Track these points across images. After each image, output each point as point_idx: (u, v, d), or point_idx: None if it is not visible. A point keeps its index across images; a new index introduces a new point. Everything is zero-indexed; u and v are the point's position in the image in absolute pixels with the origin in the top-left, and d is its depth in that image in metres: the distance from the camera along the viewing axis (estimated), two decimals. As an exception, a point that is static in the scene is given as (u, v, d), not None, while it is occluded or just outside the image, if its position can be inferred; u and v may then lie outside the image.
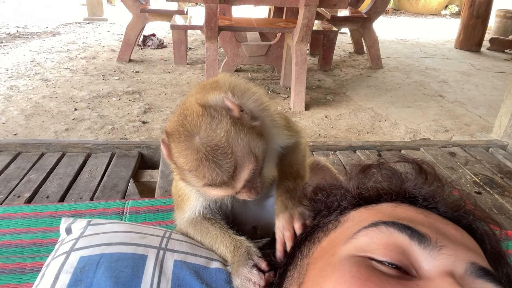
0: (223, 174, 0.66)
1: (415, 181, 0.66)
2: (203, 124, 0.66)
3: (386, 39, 6.71)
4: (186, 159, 0.67)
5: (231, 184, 0.68)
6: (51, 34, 5.95)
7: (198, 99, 0.70)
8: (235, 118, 0.68)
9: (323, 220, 0.68)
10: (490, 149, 2.21)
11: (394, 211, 0.61)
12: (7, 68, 4.28)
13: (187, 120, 0.68)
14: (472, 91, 4.42)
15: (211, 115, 0.67)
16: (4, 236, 1.14)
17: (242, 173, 0.68)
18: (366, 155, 1.99)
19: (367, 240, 0.55)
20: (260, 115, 0.77)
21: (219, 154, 0.65)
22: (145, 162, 1.92)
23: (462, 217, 0.63)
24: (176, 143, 0.68)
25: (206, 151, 0.65)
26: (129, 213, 1.27)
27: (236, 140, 0.67)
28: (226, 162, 0.66)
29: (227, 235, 0.84)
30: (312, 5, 3.18)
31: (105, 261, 0.73)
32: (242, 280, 0.75)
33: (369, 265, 0.51)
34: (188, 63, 4.79)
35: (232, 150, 0.66)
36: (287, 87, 4.09)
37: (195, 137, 0.66)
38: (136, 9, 4.51)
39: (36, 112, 3.26)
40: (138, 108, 3.44)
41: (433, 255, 0.52)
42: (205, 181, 0.67)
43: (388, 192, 0.65)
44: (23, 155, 1.79)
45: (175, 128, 0.69)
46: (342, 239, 0.58)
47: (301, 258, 0.65)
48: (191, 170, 0.67)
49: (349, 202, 0.67)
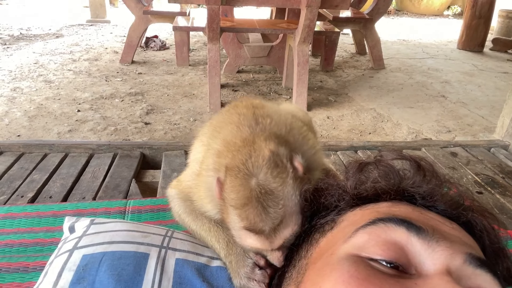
0: (267, 222, 0.64)
1: (413, 179, 0.66)
2: (265, 167, 0.66)
3: (388, 40, 6.71)
4: (237, 194, 0.65)
5: (270, 237, 0.66)
6: (54, 36, 5.99)
7: (269, 145, 0.69)
8: (297, 175, 0.68)
9: (319, 221, 0.68)
10: (492, 149, 2.20)
11: (389, 209, 0.61)
12: (11, 70, 4.31)
13: (251, 160, 0.67)
14: (475, 92, 4.41)
15: (276, 163, 0.66)
16: (7, 236, 1.15)
17: (285, 230, 0.66)
18: (368, 156, 1.99)
19: (365, 238, 0.55)
20: (309, 166, 0.75)
21: (270, 200, 0.64)
22: (147, 163, 1.93)
23: (461, 214, 0.63)
24: (232, 178, 0.67)
25: (260, 192, 0.64)
26: (131, 213, 1.27)
27: (291, 195, 0.66)
28: (274, 211, 0.64)
29: (220, 229, 0.83)
30: (314, 6, 3.19)
31: (108, 259, 0.74)
32: (246, 281, 0.74)
33: (367, 264, 0.52)
34: (190, 65, 4.81)
35: (284, 202, 0.65)
36: (289, 88, 4.10)
37: (254, 178, 0.65)
38: (138, 11, 4.53)
39: (39, 113, 3.28)
40: (141, 109, 3.46)
41: (431, 246, 0.52)
42: (246, 223, 0.65)
43: (386, 191, 0.65)
44: (26, 156, 1.81)
45: (236, 165, 0.67)
46: (340, 239, 0.59)
47: (299, 259, 0.65)
48: (237, 208, 0.66)
49: (346, 202, 0.67)
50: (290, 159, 0.68)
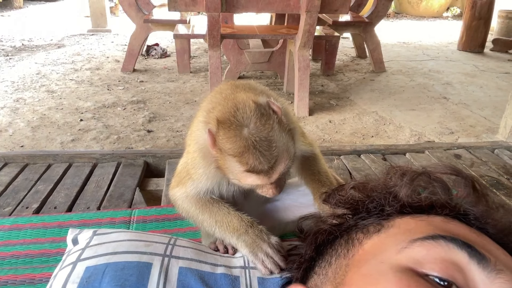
0: (265, 163, 0.75)
1: (469, 198, 0.64)
2: (254, 118, 0.76)
3: (389, 43, 6.72)
4: (234, 145, 0.75)
5: (268, 174, 0.77)
6: (56, 46, 6.03)
7: (250, 97, 0.80)
8: (279, 119, 0.79)
9: (361, 221, 0.66)
10: (496, 151, 2.19)
11: (446, 225, 0.59)
12: (13, 80, 4.34)
13: (239, 112, 0.76)
14: (477, 93, 4.41)
15: (261, 112, 0.77)
16: (13, 247, 1.15)
17: (279, 166, 0.78)
18: (371, 159, 1.99)
19: (423, 252, 0.53)
20: None
21: (265, 145, 0.75)
22: (150, 171, 1.94)
23: (511, 242, 0.60)
24: (225, 130, 0.76)
25: (255, 140, 0.74)
26: (136, 222, 1.28)
27: (279, 137, 0.77)
28: (270, 153, 0.75)
29: (231, 213, 0.92)
30: (314, 11, 3.20)
31: (111, 270, 0.74)
32: (262, 255, 0.84)
33: (424, 281, 0.50)
34: (191, 72, 4.82)
35: (276, 144, 0.76)
36: (290, 92, 4.11)
37: (246, 128, 0.75)
38: (139, 19, 4.56)
39: (43, 123, 3.30)
40: (143, 117, 3.47)
41: (490, 278, 0.50)
42: (247, 167, 0.75)
43: (442, 205, 0.63)
44: (30, 167, 1.81)
45: (227, 118, 0.76)
46: (390, 246, 0.57)
47: (336, 256, 0.63)
48: (235, 156, 0.75)
49: (394, 208, 0.65)
50: (269, 105, 0.79)
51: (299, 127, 0.98)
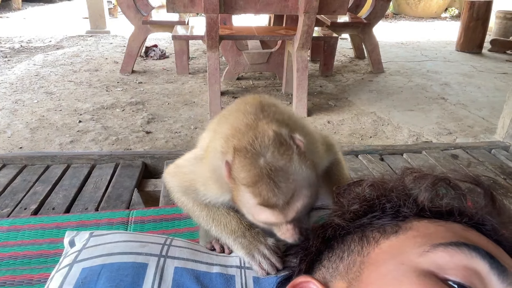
0: (280, 196, 0.67)
1: (487, 209, 0.64)
2: (271, 146, 0.69)
3: (387, 44, 6.73)
4: (248, 173, 0.68)
5: (284, 211, 0.69)
6: (55, 48, 6.03)
7: (271, 126, 0.73)
8: (300, 152, 0.71)
9: (375, 220, 0.66)
10: (493, 151, 2.20)
11: (465, 233, 0.59)
12: (12, 82, 4.34)
13: (257, 141, 0.70)
14: (475, 93, 4.42)
15: (281, 141, 0.70)
16: (11, 248, 1.16)
17: (297, 203, 0.69)
18: (368, 160, 2.00)
19: (446, 258, 0.54)
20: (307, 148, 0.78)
21: (281, 176, 0.67)
22: (149, 172, 1.94)
23: None
24: (241, 159, 0.70)
25: (270, 170, 0.67)
26: (134, 223, 1.28)
27: (298, 170, 0.69)
28: (285, 185, 0.67)
29: (229, 214, 0.89)
30: (312, 12, 3.21)
31: (106, 271, 0.74)
32: (259, 256, 0.81)
33: (446, 286, 0.51)
34: (190, 73, 4.83)
35: (294, 177, 0.68)
36: (289, 93, 4.11)
37: (262, 157, 0.69)
38: (138, 21, 4.57)
39: (41, 125, 3.30)
40: (142, 118, 3.47)
41: None
42: (260, 199, 0.68)
43: (462, 213, 0.63)
44: (29, 168, 1.82)
45: (244, 146, 0.71)
46: (410, 248, 0.57)
47: (349, 252, 0.63)
48: (249, 186, 0.68)
49: (412, 211, 0.65)
50: (291, 137, 0.73)
51: (320, 140, 0.90)
